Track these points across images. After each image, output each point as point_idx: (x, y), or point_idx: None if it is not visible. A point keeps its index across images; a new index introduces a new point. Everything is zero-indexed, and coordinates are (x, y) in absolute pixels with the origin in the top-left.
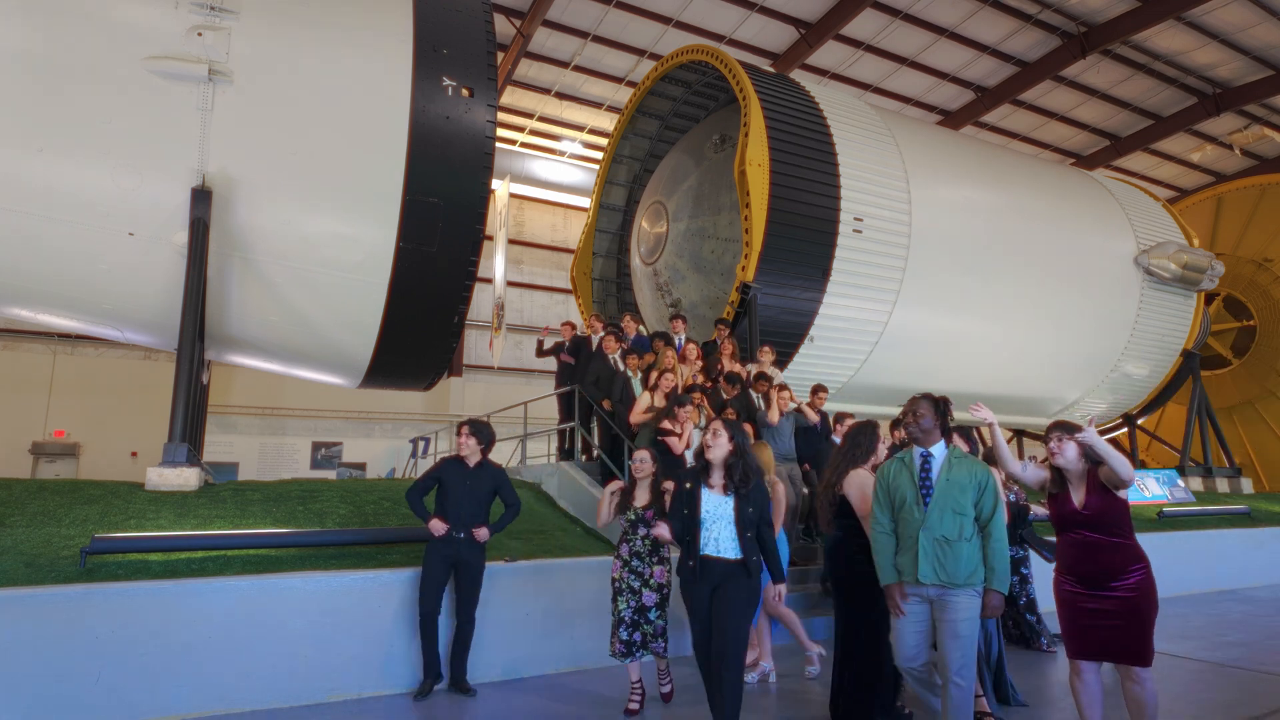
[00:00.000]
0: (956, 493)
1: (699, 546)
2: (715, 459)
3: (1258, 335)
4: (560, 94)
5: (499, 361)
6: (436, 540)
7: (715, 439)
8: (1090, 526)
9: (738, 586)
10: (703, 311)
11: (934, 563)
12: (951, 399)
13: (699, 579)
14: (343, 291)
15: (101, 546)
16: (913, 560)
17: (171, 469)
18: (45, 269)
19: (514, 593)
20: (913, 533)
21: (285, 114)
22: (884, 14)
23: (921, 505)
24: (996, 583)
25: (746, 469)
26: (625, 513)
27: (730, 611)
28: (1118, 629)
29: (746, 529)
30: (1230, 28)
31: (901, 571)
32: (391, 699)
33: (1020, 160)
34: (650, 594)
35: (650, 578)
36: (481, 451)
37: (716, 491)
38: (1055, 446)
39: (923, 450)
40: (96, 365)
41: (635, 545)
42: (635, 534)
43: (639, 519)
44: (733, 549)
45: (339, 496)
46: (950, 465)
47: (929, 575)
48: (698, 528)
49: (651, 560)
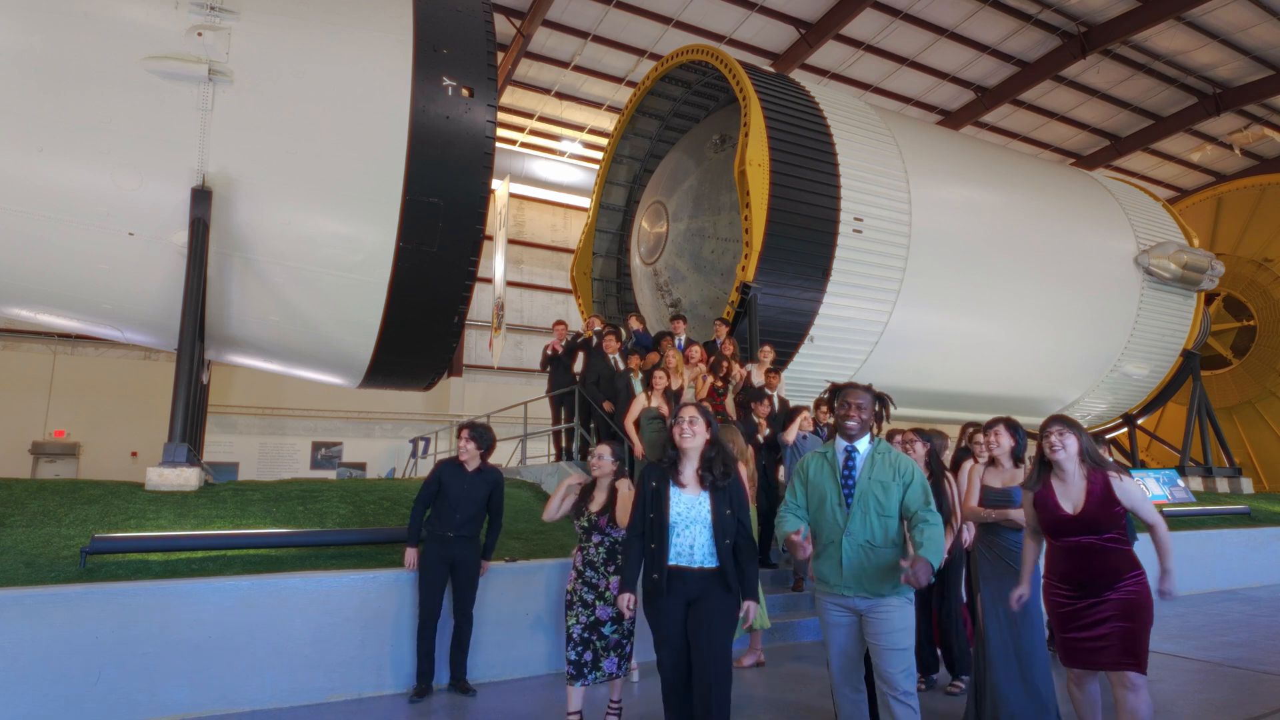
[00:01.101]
0: (879, 493)
1: (666, 555)
2: (691, 449)
3: (1258, 335)
4: (560, 94)
5: (499, 361)
6: (432, 542)
7: (692, 426)
8: (1086, 530)
9: (717, 602)
10: (703, 311)
11: (857, 572)
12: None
13: (668, 593)
14: (343, 291)
15: (101, 546)
16: (836, 567)
17: (171, 469)
18: (45, 269)
19: (514, 593)
20: (834, 537)
21: (285, 114)
22: (884, 14)
23: (844, 507)
24: (924, 553)
25: (726, 461)
26: (579, 518)
27: (710, 633)
28: (1113, 636)
29: (725, 533)
30: (1230, 28)
31: (825, 580)
32: (392, 699)
33: (1020, 160)
34: (605, 608)
35: (605, 590)
36: (481, 456)
37: (688, 490)
38: (1057, 442)
39: (847, 445)
40: (96, 365)
41: (589, 553)
42: (589, 540)
43: (592, 525)
44: (709, 556)
45: (339, 496)
46: (873, 463)
47: (853, 586)
48: (665, 533)
49: (607, 570)
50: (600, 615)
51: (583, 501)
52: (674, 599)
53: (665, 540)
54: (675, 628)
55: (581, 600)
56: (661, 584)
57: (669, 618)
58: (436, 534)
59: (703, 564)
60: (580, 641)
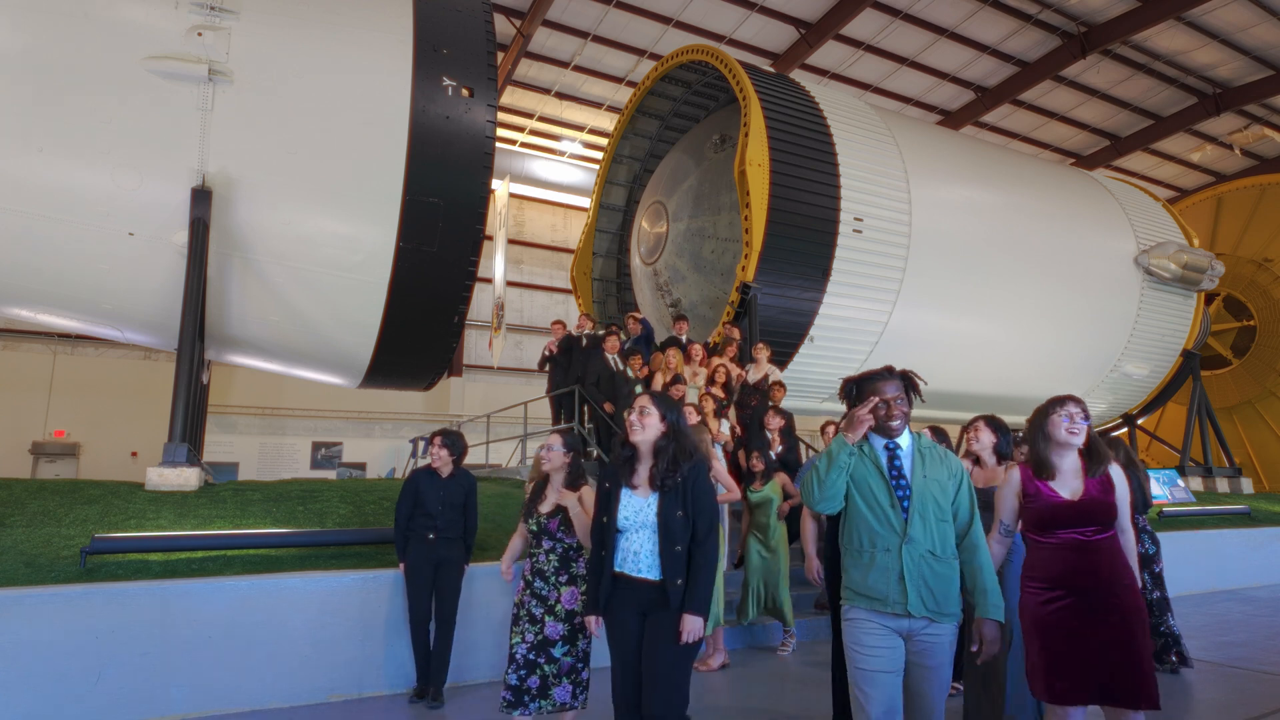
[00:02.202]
0: (938, 493)
1: (613, 562)
2: (642, 444)
3: (1258, 335)
4: (560, 94)
5: (499, 361)
6: (416, 545)
7: (642, 419)
8: (1089, 521)
9: (666, 621)
10: (703, 311)
11: (921, 587)
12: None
13: (616, 604)
14: (343, 291)
15: (101, 546)
16: (894, 581)
17: (171, 469)
18: (45, 269)
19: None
20: (889, 545)
21: (285, 114)
22: (884, 14)
23: (899, 510)
24: (992, 610)
25: (677, 454)
26: (528, 519)
27: (656, 657)
28: (1123, 661)
29: (674, 539)
30: (1230, 28)
31: (875, 596)
32: (391, 699)
33: (1020, 160)
34: (556, 625)
35: (556, 603)
36: (454, 462)
37: (639, 491)
38: (1071, 425)
39: (889, 441)
40: (96, 365)
41: (539, 561)
42: (539, 546)
43: (541, 529)
44: (652, 566)
45: (339, 496)
46: (924, 459)
47: (919, 605)
48: (613, 540)
49: (559, 580)
50: (550, 633)
51: (532, 502)
52: (627, 612)
53: (612, 547)
54: (628, 645)
55: (529, 615)
56: (600, 595)
57: (620, 633)
58: (419, 537)
59: (645, 574)
60: (524, 664)
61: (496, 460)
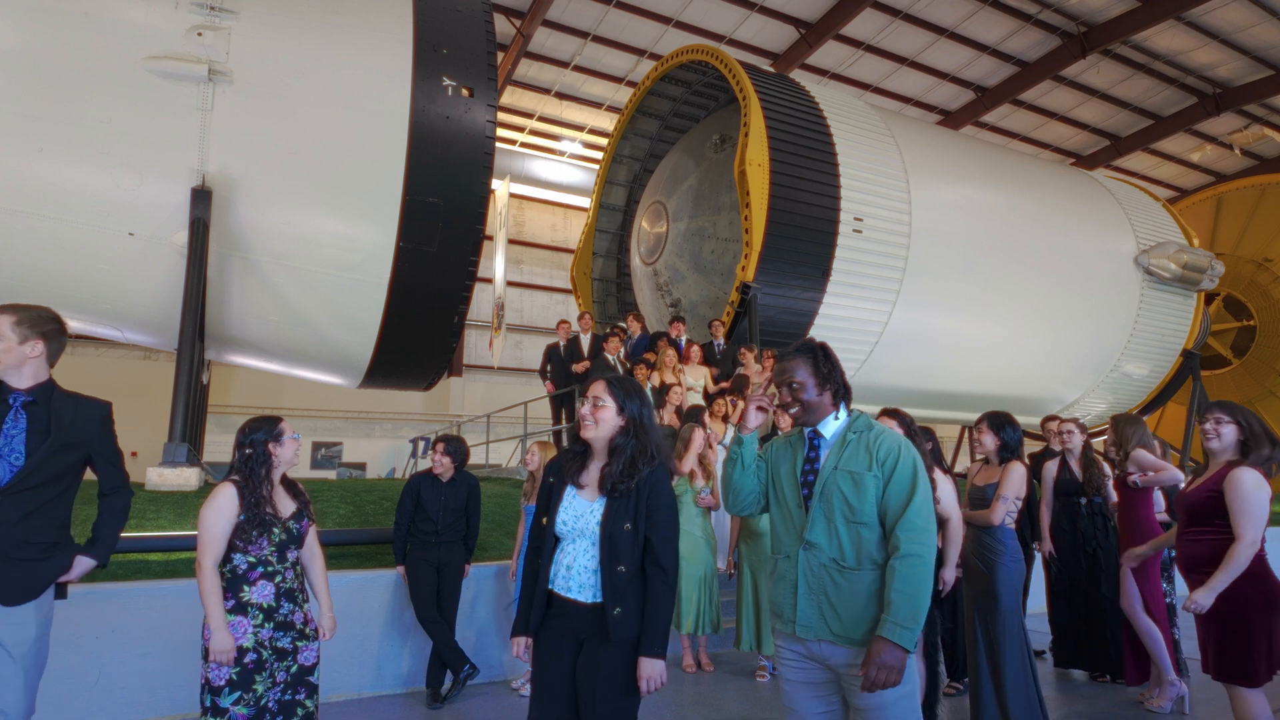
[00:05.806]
0: (847, 488)
1: (546, 575)
2: (595, 440)
3: (1258, 335)
4: (560, 94)
5: (499, 361)
6: (417, 547)
7: (596, 411)
8: (1219, 515)
9: (605, 656)
10: (703, 311)
11: (821, 603)
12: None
13: (546, 629)
14: (343, 291)
15: None
16: (789, 594)
17: (171, 469)
18: (45, 269)
19: (512, 592)
20: (789, 552)
21: (285, 114)
22: (884, 14)
23: (803, 509)
24: (889, 630)
25: (636, 455)
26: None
27: (596, 696)
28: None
29: (618, 556)
30: (1230, 28)
31: (777, 614)
32: (391, 699)
33: (1020, 160)
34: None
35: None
36: (455, 468)
37: (586, 492)
38: (1212, 430)
39: (811, 429)
40: (96, 365)
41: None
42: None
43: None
44: (587, 587)
45: (339, 496)
46: (844, 448)
47: (813, 622)
48: (548, 547)
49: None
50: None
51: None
52: (557, 638)
53: (549, 556)
54: (555, 680)
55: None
56: (531, 615)
57: (546, 662)
58: (421, 539)
59: (577, 595)
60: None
61: (496, 460)
